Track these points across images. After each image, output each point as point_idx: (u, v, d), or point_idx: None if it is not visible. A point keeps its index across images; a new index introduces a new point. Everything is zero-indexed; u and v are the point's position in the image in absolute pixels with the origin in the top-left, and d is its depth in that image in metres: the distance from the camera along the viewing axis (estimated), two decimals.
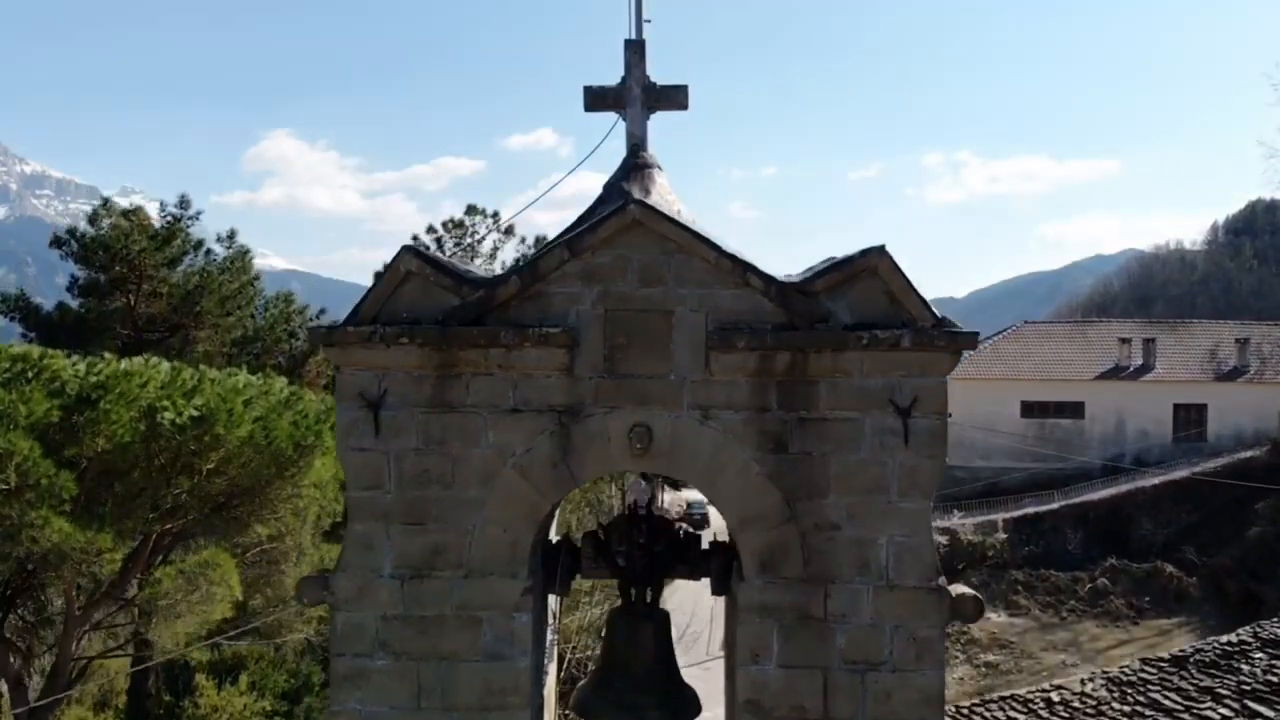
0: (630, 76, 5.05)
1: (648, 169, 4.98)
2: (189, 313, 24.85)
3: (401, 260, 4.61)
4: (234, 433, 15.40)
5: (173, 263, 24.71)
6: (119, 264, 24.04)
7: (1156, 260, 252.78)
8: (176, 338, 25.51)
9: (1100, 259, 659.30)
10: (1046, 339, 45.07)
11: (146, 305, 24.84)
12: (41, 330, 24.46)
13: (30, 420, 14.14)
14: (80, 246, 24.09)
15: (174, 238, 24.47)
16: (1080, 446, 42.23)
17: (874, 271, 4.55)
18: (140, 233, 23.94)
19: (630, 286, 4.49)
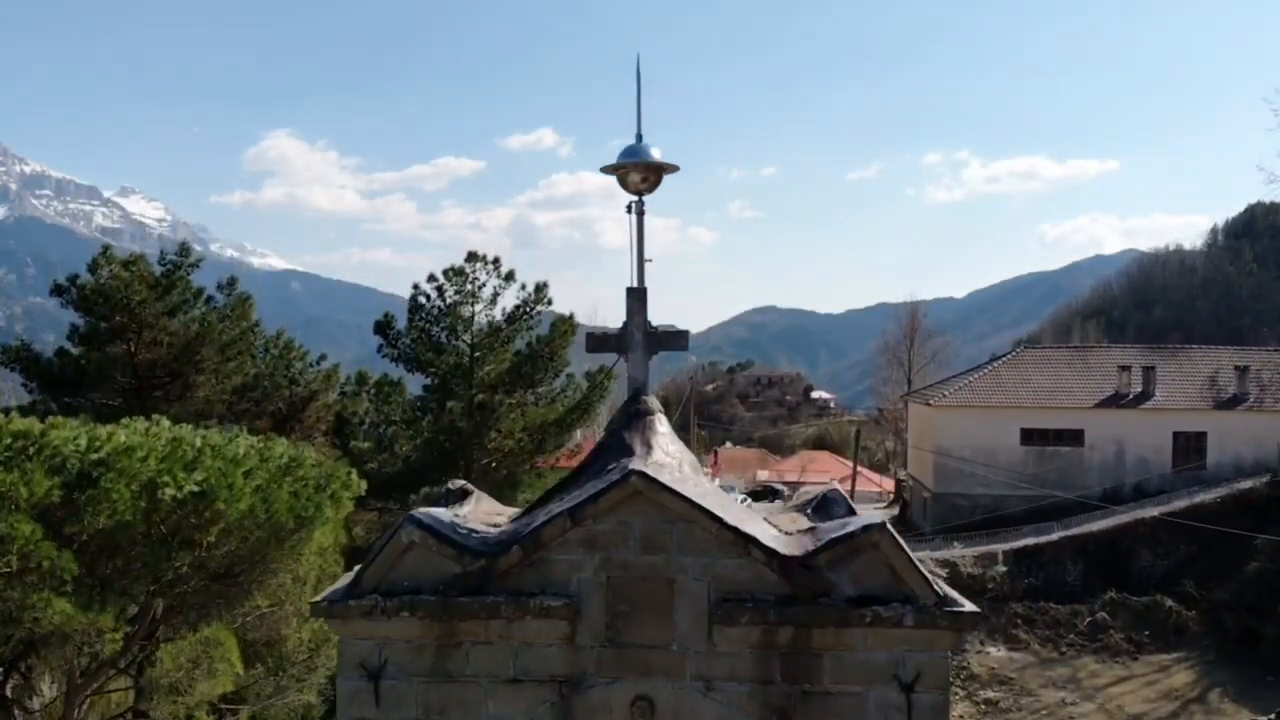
0: (632, 322, 5.06)
1: (649, 416, 4.99)
2: (189, 360, 24.83)
3: (404, 531, 4.62)
4: (234, 507, 15.41)
5: (173, 311, 24.68)
6: (119, 313, 24.01)
7: (1156, 264, 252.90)
8: (176, 385, 25.52)
9: (1100, 259, 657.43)
10: (1046, 365, 45.07)
11: (147, 352, 24.82)
12: (42, 380, 24.47)
13: (31, 501, 14.20)
14: (80, 295, 24.05)
15: (174, 287, 24.44)
16: (1080, 474, 42.25)
17: (876, 546, 4.57)
18: (140, 282, 23.89)
19: (632, 554, 4.51)
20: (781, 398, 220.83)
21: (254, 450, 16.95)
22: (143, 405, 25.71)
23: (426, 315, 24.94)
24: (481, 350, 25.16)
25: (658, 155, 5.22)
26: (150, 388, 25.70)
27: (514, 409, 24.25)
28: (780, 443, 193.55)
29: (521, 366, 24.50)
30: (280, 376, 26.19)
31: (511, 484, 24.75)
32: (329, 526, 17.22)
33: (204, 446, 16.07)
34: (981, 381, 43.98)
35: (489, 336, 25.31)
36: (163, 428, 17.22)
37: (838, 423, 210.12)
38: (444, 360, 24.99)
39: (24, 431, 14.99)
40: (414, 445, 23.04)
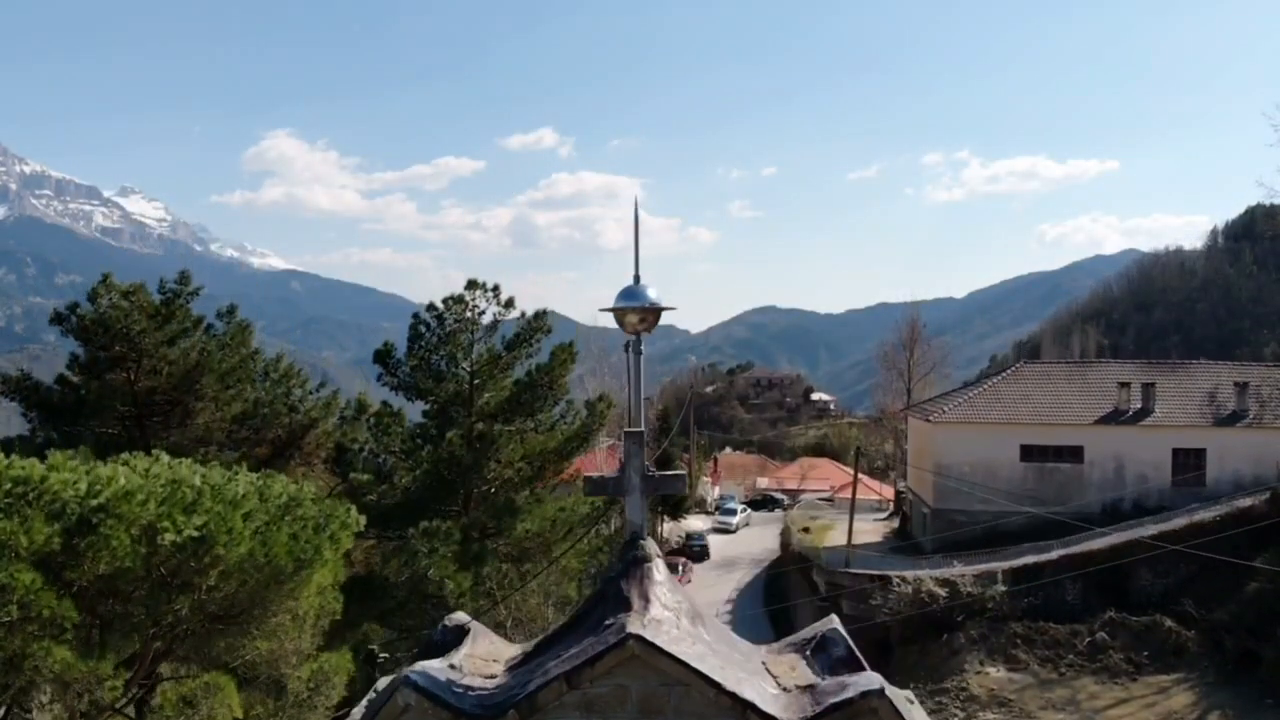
0: (629, 465, 5.08)
1: (647, 563, 5.01)
2: (189, 389, 24.89)
3: (400, 694, 4.64)
4: (234, 551, 15.48)
5: (172, 340, 24.73)
6: (119, 343, 24.07)
7: (1156, 266, 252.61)
8: (176, 412, 25.58)
9: (1100, 259, 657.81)
10: (1045, 380, 45.10)
11: (146, 381, 24.86)
12: (42, 410, 24.53)
13: (31, 549, 14.25)
14: (80, 325, 24.10)
15: (174, 316, 24.49)
16: (1079, 491, 42.29)
17: (874, 712, 4.59)
18: (140, 313, 23.94)
19: (629, 717, 4.53)
20: (781, 400, 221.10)
21: (253, 489, 17.01)
22: (143, 433, 25.84)
23: (426, 344, 24.94)
24: (481, 378, 25.16)
25: (654, 296, 5.25)
26: (150, 415, 25.77)
27: (513, 438, 24.26)
28: (780, 446, 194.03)
29: (521, 395, 24.51)
30: (280, 405, 26.21)
31: (510, 511, 24.77)
32: (328, 568, 17.25)
33: (203, 486, 16.14)
34: (981, 397, 44.01)
35: (488, 364, 25.32)
36: (162, 465, 17.29)
37: (838, 425, 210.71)
38: (444, 388, 25.01)
39: (24, 478, 15.06)
40: (413, 477, 23.03)
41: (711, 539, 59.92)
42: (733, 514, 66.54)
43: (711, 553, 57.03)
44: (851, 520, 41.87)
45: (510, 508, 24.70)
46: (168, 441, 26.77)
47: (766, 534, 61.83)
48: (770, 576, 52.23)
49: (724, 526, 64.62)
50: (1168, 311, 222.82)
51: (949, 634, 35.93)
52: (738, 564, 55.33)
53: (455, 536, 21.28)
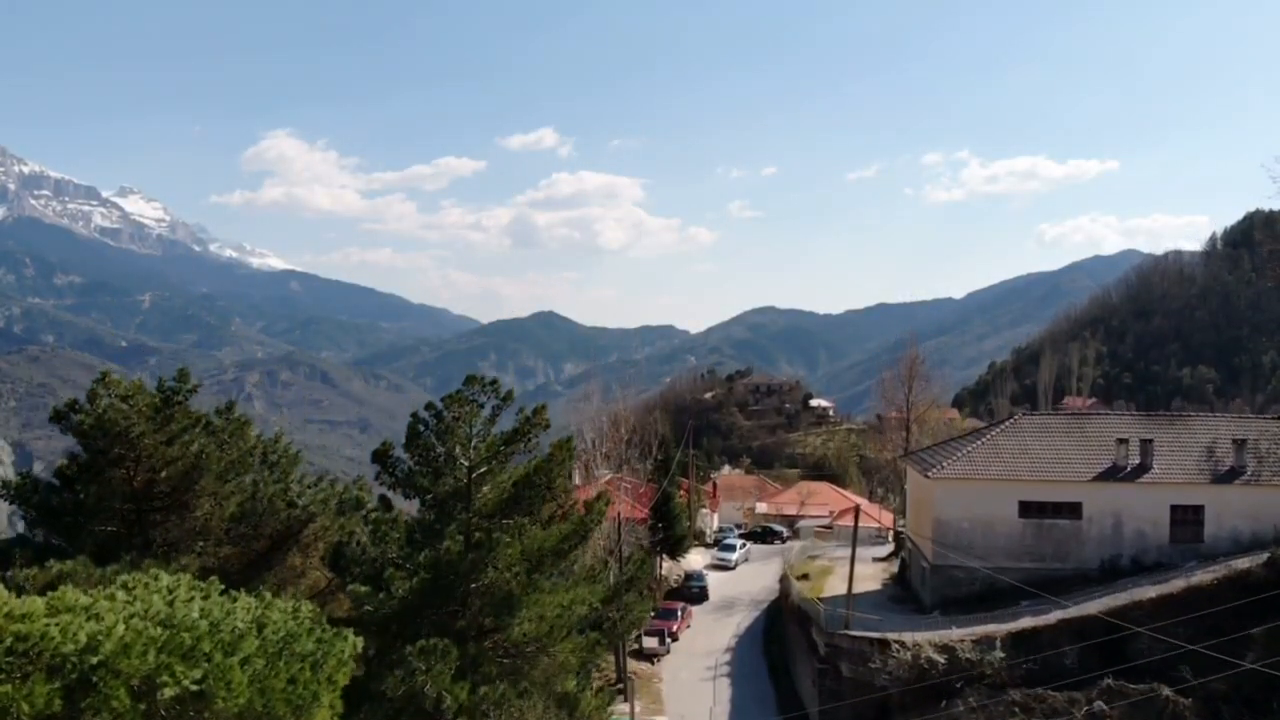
0: None
1: None
2: (188, 488, 24.94)
3: None
4: (231, 704, 15.53)
5: (171, 440, 24.74)
6: (118, 445, 24.09)
7: (1155, 272, 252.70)
8: (175, 507, 25.62)
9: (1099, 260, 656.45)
10: (1044, 433, 45.14)
11: (145, 479, 24.90)
12: (41, 512, 24.58)
13: (32, 714, 14.32)
14: (79, 428, 24.13)
15: (173, 420, 24.50)
16: (1078, 547, 42.43)
17: None
18: (139, 416, 23.96)
19: None
20: (780, 405, 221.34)
21: (252, 623, 17.04)
22: (142, 528, 25.93)
23: (424, 442, 24.98)
24: (479, 471, 25.20)
25: None
26: (150, 511, 25.85)
27: (513, 540, 24.29)
28: (780, 452, 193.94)
29: (520, 495, 24.54)
30: (279, 500, 26.25)
31: (509, 607, 24.80)
32: (325, 711, 17.29)
33: (202, 624, 16.17)
34: (979, 452, 44.05)
35: (487, 458, 25.35)
36: (161, 597, 17.30)
37: (836, 431, 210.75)
38: (442, 483, 25.03)
39: (25, 634, 15.10)
40: (409, 586, 23.07)
41: (710, 576, 59.99)
42: (732, 549, 66.50)
43: (710, 593, 57.04)
44: (851, 580, 41.87)
45: (508, 603, 24.73)
46: (167, 536, 27.02)
47: (766, 571, 61.92)
48: (769, 620, 52.26)
49: (723, 563, 64.61)
50: (1167, 319, 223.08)
51: (948, 700, 36.01)
52: (737, 605, 55.37)
53: (453, 654, 21.31)
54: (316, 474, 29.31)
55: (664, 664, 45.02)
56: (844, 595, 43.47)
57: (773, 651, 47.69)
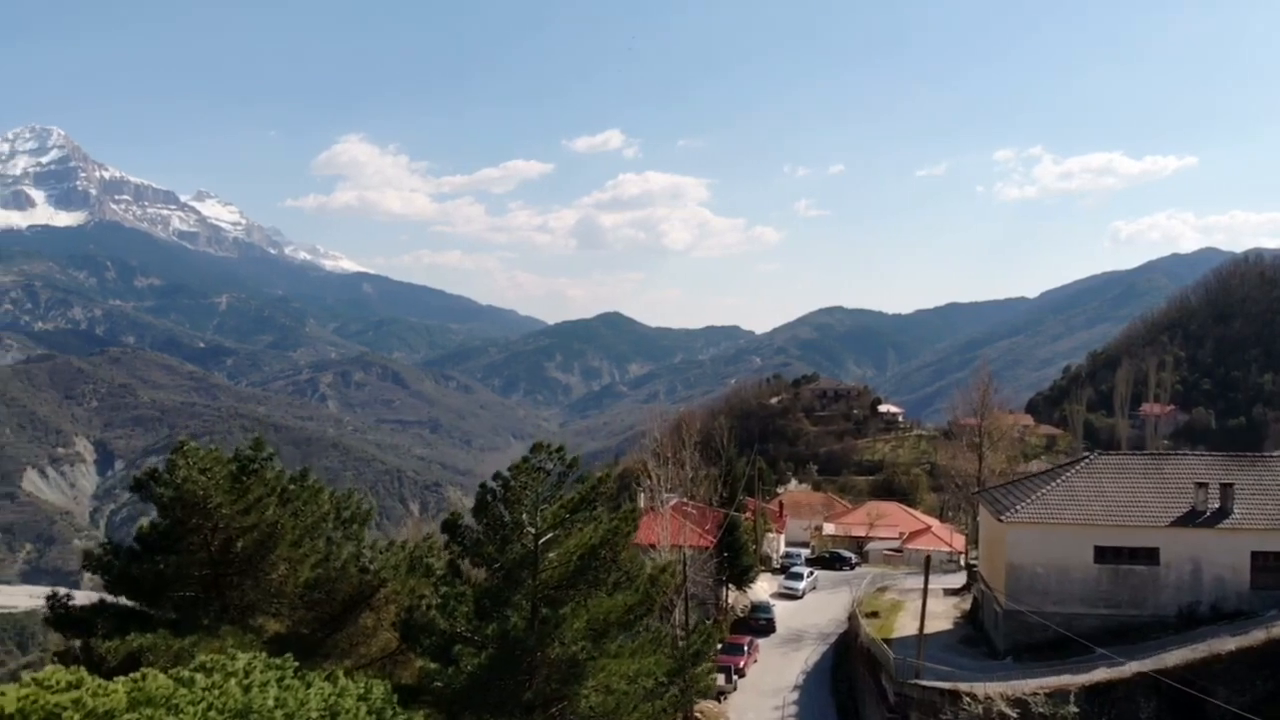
0: None
1: None
2: (264, 555, 25.54)
3: None
4: None
5: (248, 510, 25.33)
6: (196, 516, 24.75)
7: (1235, 274, 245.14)
8: (251, 572, 26.24)
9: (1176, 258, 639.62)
10: (1120, 475, 44.14)
11: (221, 547, 25.54)
12: (122, 581, 25.31)
13: None
14: (158, 500, 24.86)
15: (249, 490, 25.08)
16: (1154, 593, 41.45)
17: None
18: (217, 489, 24.57)
19: None
20: (848, 411, 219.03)
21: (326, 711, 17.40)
22: (219, 593, 26.61)
23: (493, 511, 25.30)
24: (545, 537, 25.41)
25: None
26: (227, 575, 26.51)
27: (579, 611, 24.47)
28: (848, 459, 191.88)
29: (586, 566, 24.71)
30: (351, 566, 26.74)
31: (576, 678, 24.98)
32: None
33: (277, 713, 16.53)
34: (1053, 494, 43.23)
35: (554, 524, 25.56)
36: (237, 675, 17.70)
37: (906, 437, 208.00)
38: (510, 551, 25.29)
39: None
40: (477, 662, 23.34)
41: (777, 605, 59.66)
42: (799, 578, 65.97)
43: (777, 624, 56.69)
44: (922, 626, 41.38)
45: (575, 674, 24.90)
46: (243, 599, 27.69)
47: (834, 600, 61.42)
48: (838, 655, 51.82)
49: (790, 592, 64.16)
50: (1248, 322, 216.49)
51: None
52: (804, 638, 55.00)
53: None
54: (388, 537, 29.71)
55: (730, 702, 44.88)
56: (915, 635, 43.07)
57: (841, 691, 47.28)
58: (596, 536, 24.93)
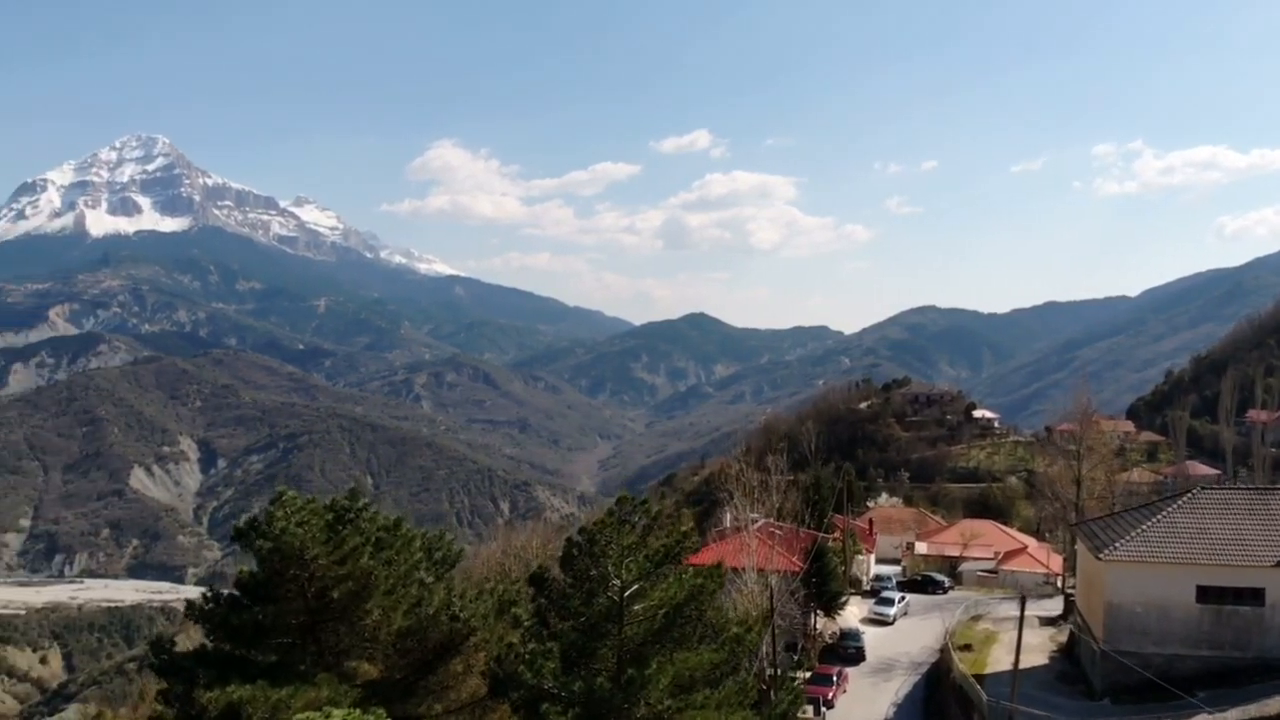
0: None
1: None
2: (358, 606, 26.19)
3: None
4: None
5: (343, 560, 25.98)
6: (294, 566, 25.48)
7: None
8: (346, 619, 26.93)
9: None
10: (1224, 511, 42.62)
11: (317, 596, 26.25)
12: (223, 630, 26.16)
13: None
14: (258, 553, 25.63)
15: (345, 540, 25.73)
16: (1259, 635, 40.02)
17: None
18: (313, 541, 25.26)
19: None
20: (941, 416, 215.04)
21: None
22: (316, 638, 27.37)
23: (579, 565, 25.56)
24: (630, 589, 25.55)
25: None
26: (323, 622, 27.25)
27: (665, 668, 24.55)
28: (941, 466, 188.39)
29: (672, 624, 24.79)
30: (443, 614, 27.23)
31: None
32: None
33: None
34: (1154, 531, 41.95)
35: (639, 576, 25.70)
36: None
37: (1002, 444, 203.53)
38: (595, 604, 25.50)
39: None
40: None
41: (867, 632, 58.90)
42: (890, 603, 65.01)
43: (867, 652, 55.97)
44: (1016, 664, 40.50)
45: None
46: (338, 643, 28.43)
47: (926, 627, 60.48)
48: (930, 686, 51.01)
49: (880, 618, 63.31)
50: None
51: None
52: (895, 667, 54.23)
53: None
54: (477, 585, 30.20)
55: None
56: (1009, 671, 42.17)
57: None
58: (682, 593, 24.99)
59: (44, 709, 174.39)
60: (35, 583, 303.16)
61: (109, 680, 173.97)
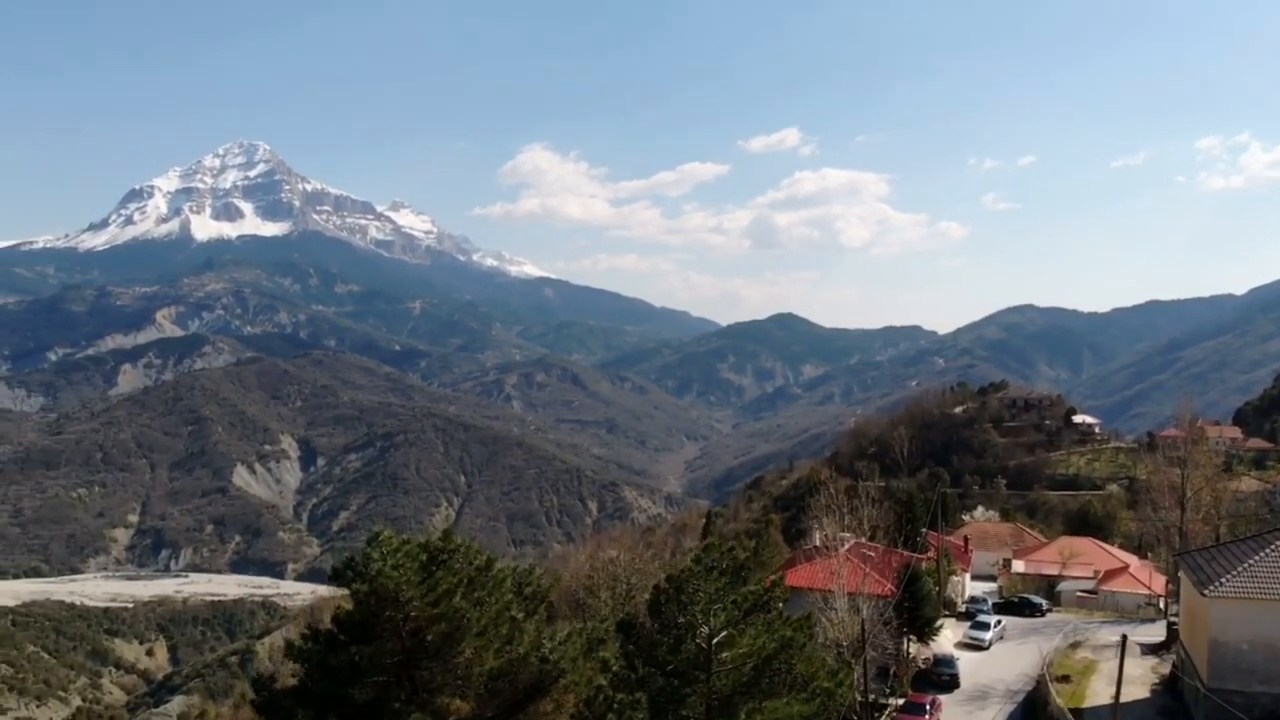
0: None
1: None
2: (451, 648, 26.68)
3: None
4: None
5: (437, 602, 26.48)
6: (389, 608, 26.07)
7: None
8: (440, 658, 27.45)
9: None
10: None
11: (412, 636, 26.81)
12: (321, 670, 26.87)
13: None
14: (355, 596, 26.28)
15: (439, 582, 26.23)
16: None
17: None
18: (408, 583, 25.80)
19: None
20: (1040, 422, 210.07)
21: None
22: (410, 676, 27.96)
23: (667, 613, 25.65)
24: (719, 637, 25.56)
25: None
26: (417, 661, 27.84)
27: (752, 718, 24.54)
28: (1039, 473, 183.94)
29: (761, 676, 24.74)
30: (533, 655, 27.58)
31: None
32: None
33: None
34: (1262, 565, 40.37)
35: (727, 624, 25.70)
36: None
37: (1102, 450, 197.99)
38: (683, 651, 25.58)
39: None
40: None
41: (961, 657, 57.78)
42: (986, 627, 63.62)
43: (961, 678, 54.83)
44: (1118, 701, 39.44)
45: None
46: (431, 681, 28.99)
47: (1023, 652, 59.10)
48: (1026, 716, 49.85)
49: (975, 642, 62.01)
50: None
51: None
52: (990, 695, 53.05)
53: None
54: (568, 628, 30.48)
55: None
56: (1108, 705, 41.09)
57: None
58: (772, 644, 24.92)
59: (149, 700, 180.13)
60: (142, 577, 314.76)
61: (211, 673, 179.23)
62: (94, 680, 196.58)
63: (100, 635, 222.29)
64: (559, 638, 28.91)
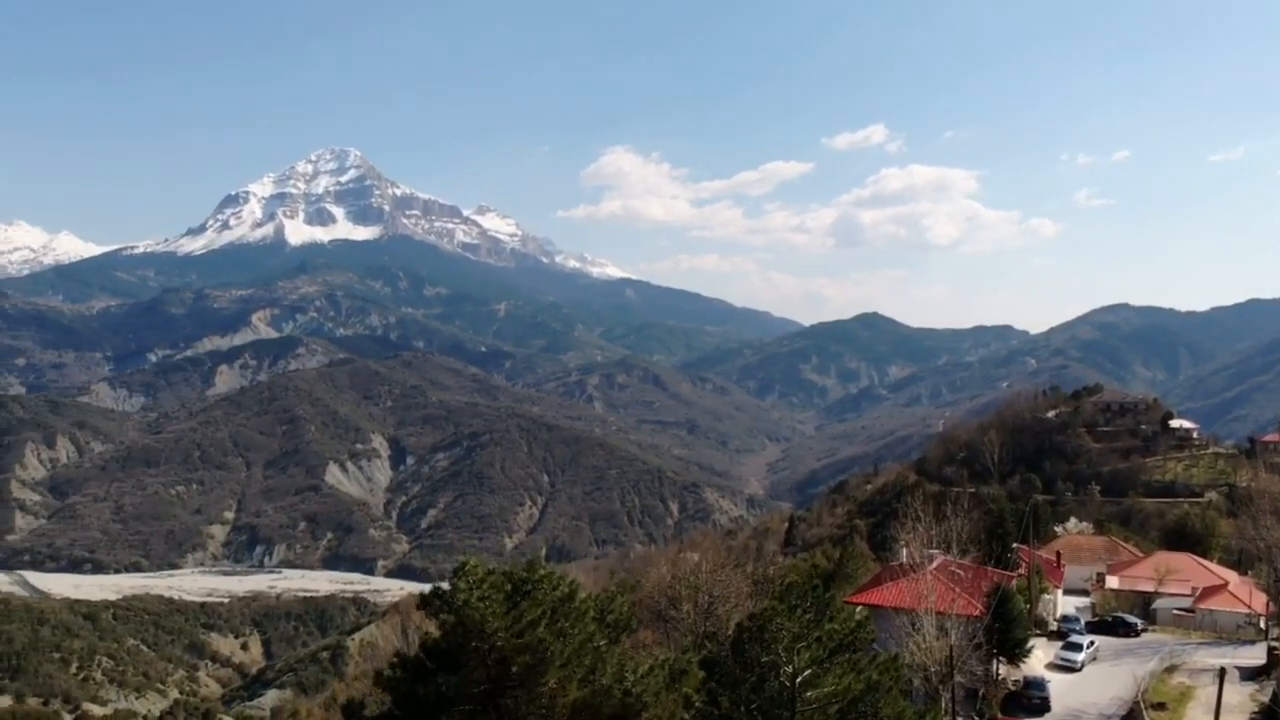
0: None
1: None
2: (535, 680, 26.97)
3: None
4: None
5: (521, 632, 26.78)
6: (475, 639, 26.45)
7: None
8: (525, 688, 27.77)
9: None
10: None
11: (497, 665, 27.15)
12: (409, 700, 27.38)
13: None
14: (442, 627, 26.74)
15: (524, 613, 26.52)
16: None
17: None
18: (494, 615, 26.14)
19: None
20: (1135, 426, 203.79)
21: None
22: (495, 704, 28.34)
23: (749, 652, 25.56)
24: (802, 676, 25.38)
25: None
26: (503, 690, 28.20)
27: None
28: (1134, 479, 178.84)
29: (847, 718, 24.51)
30: (616, 688, 27.72)
31: None
32: None
33: None
34: None
35: (811, 663, 25.50)
36: None
37: (1201, 456, 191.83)
38: (767, 689, 25.46)
39: None
40: None
41: (1052, 679, 56.36)
42: (1078, 648, 61.90)
43: (1052, 701, 53.49)
44: None
45: None
46: (516, 711, 29.33)
47: (1116, 674, 57.44)
48: None
49: (1067, 664, 60.39)
50: None
51: None
52: (1082, 719, 51.80)
53: None
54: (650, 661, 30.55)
55: None
56: None
57: None
58: (858, 685, 24.66)
59: (244, 694, 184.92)
60: (238, 572, 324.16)
61: (304, 668, 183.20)
62: (191, 673, 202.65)
63: (197, 629, 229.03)
64: (641, 670, 29.00)
